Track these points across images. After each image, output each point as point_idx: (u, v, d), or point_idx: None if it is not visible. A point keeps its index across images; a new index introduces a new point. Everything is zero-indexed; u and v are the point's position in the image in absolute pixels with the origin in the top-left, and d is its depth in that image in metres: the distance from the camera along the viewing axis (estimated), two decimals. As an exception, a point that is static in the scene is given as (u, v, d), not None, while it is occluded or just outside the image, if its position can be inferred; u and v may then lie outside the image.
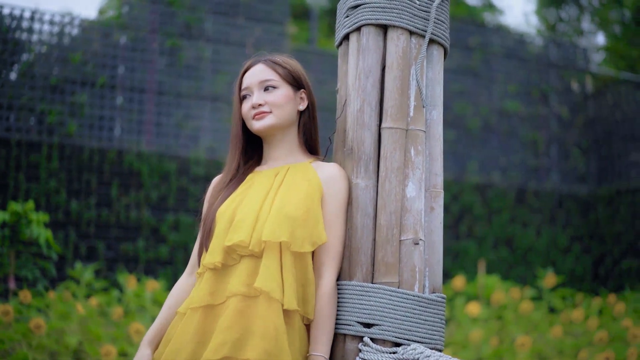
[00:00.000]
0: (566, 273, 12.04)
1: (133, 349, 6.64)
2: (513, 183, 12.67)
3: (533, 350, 7.85)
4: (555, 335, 8.41)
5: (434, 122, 2.88)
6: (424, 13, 2.88)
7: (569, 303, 10.54)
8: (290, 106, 2.94)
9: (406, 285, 2.74)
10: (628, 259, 12.19)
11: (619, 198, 12.58)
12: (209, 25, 11.06)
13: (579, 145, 13.38)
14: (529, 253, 12.32)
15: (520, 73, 13.18)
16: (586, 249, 12.83)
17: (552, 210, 12.82)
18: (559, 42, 14.46)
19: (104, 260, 9.58)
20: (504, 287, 10.13)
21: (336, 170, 2.86)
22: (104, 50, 10.39)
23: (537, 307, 9.79)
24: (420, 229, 2.77)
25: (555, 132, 13.28)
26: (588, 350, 7.94)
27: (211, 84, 10.92)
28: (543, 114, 13.22)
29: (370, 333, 2.69)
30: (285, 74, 2.94)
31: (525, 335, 7.98)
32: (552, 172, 13.19)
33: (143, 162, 10.05)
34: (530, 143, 13.03)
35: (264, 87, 2.93)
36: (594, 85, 13.89)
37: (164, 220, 10.01)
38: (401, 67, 2.83)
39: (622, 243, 12.36)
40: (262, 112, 2.90)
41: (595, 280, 12.59)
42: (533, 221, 12.58)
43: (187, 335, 2.72)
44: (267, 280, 2.65)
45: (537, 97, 13.20)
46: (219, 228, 2.81)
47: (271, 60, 2.97)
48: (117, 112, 10.34)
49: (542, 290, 10.44)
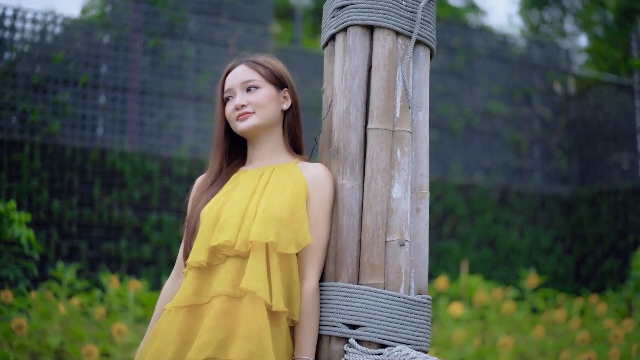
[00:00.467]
0: (548, 273, 12.09)
1: (115, 349, 6.62)
2: (496, 184, 12.71)
3: (515, 350, 7.87)
4: (538, 336, 8.43)
5: (420, 123, 2.88)
6: (411, 14, 2.87)
7: (551, 303, 10.58)
8: (274, 106, 2.93)
9: (392, 286, 2.73)
10: (610, 259, 12.24)
11: (601, 199, 12.63)
12: (192, 24, 11.03)
13: (561, 147, 13.44)
14: (512, 253, 12.36)
15: (503, 74, 13.23)
16: (568, 250, 12.88)
17: (534, 211, 12.86)
18: (541, 43, 14.50)
19: (86, 260, 9.53)
20: (486, 288, 10.16)
21: (322, 171, 2.86)
22: (87, 49, 10.34)
23: (519, 308, 9.82)
24: (406, 230, 2.76)
25: (537, 133, 13.33)
26: (570, 351, 7.97)
27: (194, 83, 10.89)
28: (526, 115, 13.26)
29: (355, 334, 2.69)
30: (267, 74, 2.94)
31: (508, 336, 8.00)
32: (534, 173, 13.24)
33: (126, 161, 10.01)
34: (513, 144, 13.08)
35: (246, 87, 2.92)
36: (577, 86, 13.95)
37: (146, 220, 9.98)
38: (387, 67, 2.82)
39: (604, 244, 12.42)
40: (246, 113, 2.90)
41: (577, 281, 12.65)
42: (516, 222, 12.62)
43: (171, 334, 2.71)
44: (254, 280, 2.64)
45: (520, 98, 13.24)
46: (203, 227, 2.79)
47: (253, 61, 2.97)
48: (99, 112, 10.30)
49: (525, 290, 10.47)
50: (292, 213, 2.74)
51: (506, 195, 12.74)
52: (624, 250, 12.05)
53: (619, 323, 9.04)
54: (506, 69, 13.27)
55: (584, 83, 13.99)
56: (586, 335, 8.33)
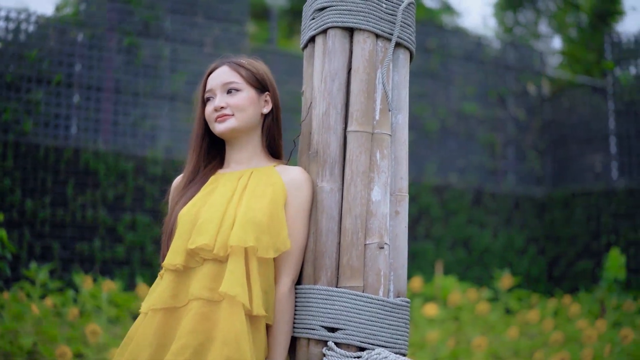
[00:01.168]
0: (522, 274, 12.15)
1: (89, 350, 6.58)
2: (470, 185, 12.75)
3: (489, 351, 7.90)
4: (511, 336, 8.48)
5: (399, 126, 2.87)
6: (391, 16, 2.87)
7: (524, 304, 10.63)
8: (253, 109, 2.91)
9: (371, 289, 2.73)
10: (582, 260, 12.33)
11: (574, 200, 12.72)
12: (167, 23, 10.98)
13: (535, 148, 13.51)
14: (486, 254, 12.41)
15: (478, 75, 13.28)
16: (541, 251, 12.96)
17: (508, 212, 12.93)
18: (516, 45, 14.57)
19: (59, 260, 9.46)
20: (460, 288, 10.19)
21: (300, 175, 2.84)
22: (61, 48, 10.25)
23: (493, 308, 9.86)
24: (385, 233, 2.76)
25: (512, 134, 13.40)
26: (543, 351, 8.02)
27: (169, 83, 10.84)
28: (500, 116, 13.32)
29: (334, 337, 2.68)
30: (249, 77, 2.92)
31: (482, 336, 8.02)
32: (508, 174, 13.31)
33: (99, 161, 9.94)
34: (488, 145, 13.13)
35: (227, 89, 2.90)
36: (551, 88, 14.04)
37: (120, 220, 9.92)
38: (367, 70, 2.82)
39: (577, 245, 12.50)
40: (224, 115, 2.88)
41: (550, 281, 12.72)
42: (490, 222, 12.67)
43: (148, 337, 2.69)
44: (233, 285, 2.62)
45: (495, 100, 13.30)
46: (180, 230, 2.77)
47: (236, 63, 2.95)
48: (73, 111, 10.22)
49: (499, 291, 10.52)
50: (271, 218, 2.73)
51: (480, 196, 12.79)
52: (597, 251, 12.14)
53: (592, 324, 9.11)
54: (481, 70, 13.32)
55: (558, 85, 14.09)
56: (559, 335, 8.39)
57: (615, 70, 12.79)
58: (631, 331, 8.06)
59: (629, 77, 12.60)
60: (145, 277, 9.56)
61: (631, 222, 11.85)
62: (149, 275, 9.67)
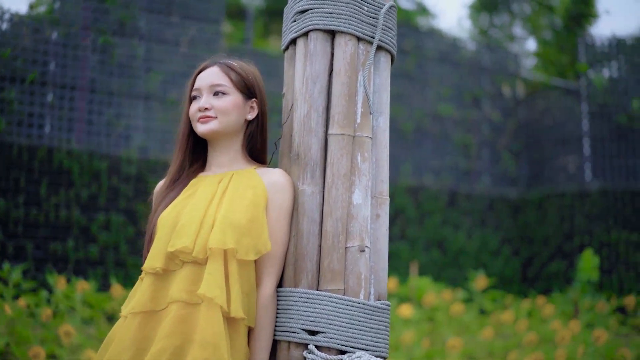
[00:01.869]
0: (496, 275, 12.20)
1: (62, 351, 6.54)
2: (445, 186, 12.79)
3: (464, 352, 7.93)
4: (486, 337, 8.51)
5: (380, 128, 2.87)
6: (372, 19, 2.87)
7: (499, 305, 10.68)
8: (237, 114, 2.90)
9: (352, 292, 2.73)
10: (556, 261, 12.41)
11: (548, 201, 12.79)
12: (142, 23, 10.91)
13: (509, 149, 13.58)
14: (460, 255, 12.45)
15: (454, 77, 13.32)
16: (515, 252, 13.03)
17: (482, 213, 12.98)
18: (491, 47, 14.64)
19: (32, 260, 9.39)
20: (435, 289, 10.22)
21: (281, 177, 2.84)
22: (35, 46, 10.17)
23: (468, 309, 9.89)
24: (366, 236, 2.76)
25: (486, 135, 13.45)
26: (517, 352, 8.06)
27: (144, 82, 10.78)
28: (475, 117, 13.38)
29: (315, 340, 2.68)
30: (238, 81, 2.91)
31: (456, 337, 8.05)
32: (483, 175, 13.36)
33: (73, 160, 9.87)
34: (463, 146, 13.18)
35: (213, 91, 2.89)
36: (525, 90, 14.12)
37: (94, 220, 9.86)
38: (349, 73, 2.81)
39: (550, 246, 12.58)
40: (208, 117, 2.87)
41: (524, 282, 12.79)
42: (464, 223, 12.72)
43: (126, 341, 2.68)
44: (212, 287, 2.61)
45: (470, 101, 13.35)
46: (161, 233, 2.76)
47: (227, 65, 2.93)
48: (47, 109, 10.13)
49: (473, 292, 10.56)
50: (251, 220, 2.72)
51: (455, 197, 12.83)
52: (570, 252, 12.22)
53: (566, 324, 9.17)
54: (456, 72, 13.36)
55: (533, 87, 14.17)
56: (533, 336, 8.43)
57: (588, 73, 12.89)
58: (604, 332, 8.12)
59: (603, 80, 12.70)
60: (119, 278, 9.51)
61: (604, 223, 11.94)
62: (122, 276, 9.62)
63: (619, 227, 11.80)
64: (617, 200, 11.97)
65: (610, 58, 12.82)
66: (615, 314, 10.23)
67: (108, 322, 8.03)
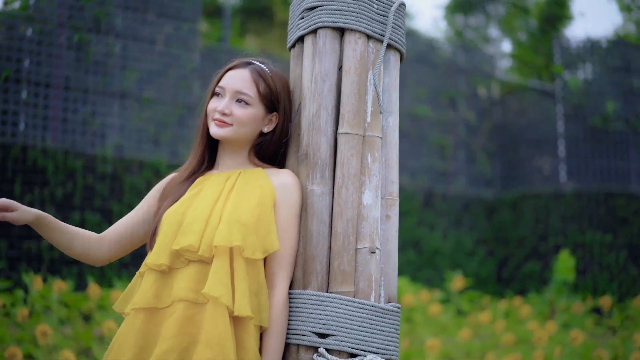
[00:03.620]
0: (471, 275, 12.24)
1: (39, 351, 6.48)
2: (421, 186, 12.81)
3: (442, 352, 7.94)
4: (463, 338, 8.53)
5: (389, 128, 2.84)
6: (382, 17, 2.83)
7: (476, 305, 10.71)
8: (254, 127, 2.84)
9: (362, 294, 2.68)
10: (530, 262, 12.47)
11: (523, 202, 12.86)
12: (118, 20, 10.81)
13: (485, 150, 13.63)
14: (436, 256, 12.47)
15: (430, 78, 13.35)
16: (490, 252, 13.07)
17: (458, 214, 13.01)
18: (467, 48, 14.69)
19: (6, 259, 9.26)
20: (412, 290, 10.23)
21: (289, 178, 2.79)
22: (9, 43, 10.04)
23: (445, 310, 9.91)
24: (376, 238, 2.72)
25: (462, 136, 13.49)
26: (495, 352, 8.09)
27: (120, 80, 10.68)
28: (451, 118, 13.41)
29: (325, 344, 2.63)
30: (264, 94, 2.82)
31: (434, 338, 8.07)
32: (458, 176, 13.40)
33: (48, 158, 9.76)
34: (438, 147, 13.21)
35: (237, 97, 2.81)
36: (501, 91, 14.19)
37: (69, 219, 9.74)
38: (359, 71, 2.77)
39: (525, 247, 12.64)
40: (224, 122, 2.80)
41: (499, 283, 12.84)
42: (440, 224, 12.75)
43: (130, 338, 2.65)
44: (217, 286, 2.57)
45: (446, 102, 13.39)
46: (166, 229, 2.72)
47: (258, 72, 2.83)
48: (21, 107, 10.01)
49: (450, 292, 10.58)
50: (258, 219, 2.67)
51: (431, 198, 12.85)
52: (545, 253, 12.29)
53: (542, 325, 9.22)
54: (432, 72, 13.39)
55: (508, 88, 14.24)
56: (511, 337, 8.48)
57: (564, 74, 12.98)
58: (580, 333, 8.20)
59: (578, 82, 12.79)
60: (95, 277, 9.42)
61: (579, 224, 12.02)
62: (98, 275, 9.53)
63: (594, 228, 11.89)
64: (592, 202, 12.05)
65: (585, 60, 12.91)
66: (590, 315, 10.30)
67: (84, 322, 7.96)
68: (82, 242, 2.88)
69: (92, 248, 2.89)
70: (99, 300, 8.24)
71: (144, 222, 2.94)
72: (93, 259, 2.92)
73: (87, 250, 2.89)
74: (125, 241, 2.95)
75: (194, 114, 11.10)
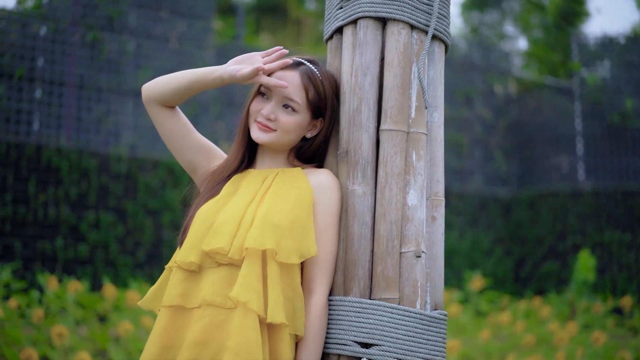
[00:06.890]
0: (488, 275, 12.12)
1: (55, 353, 6.43)
2: (437, 185, 12.69)
3: (462, 353, 7.85)
4: (483, 339, 8.44)
5: (435, 124, 2.69)
6: (426, 7, 2.67)
7: (495, 306, 10.60)
8: (297, 133, 2.70)
9: (407, 301, 2.53)
10: (548, 261, 12.34)
11: (540, 201, 12.72)
12: (132, 18, 10.77)
13: (501, 148, 13.51)
14: (453, 255, 12.35)
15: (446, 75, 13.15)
16: (508, 251, 12.95)
17: (474, 212, 12.89)
18: (482, 45, 14.59)
19: (20, 260, 9.20)
20: (430, 290, 10.12)
21: (329, 178, 2.65)
22: (23, 42, 10.00)
23: (464, 310, 9.81)
24: (422, 241, 2.57)
25: (478, 134, 13.37)
26: (515, 353, 8.00)
27: (133, 78, 10.63)
28: (467, 116, 13.30)
29: (369, 354, 2.48)
30: (313, 100, 2.67)
31: (454, 339, 7.98)
32: (475, 175, 13.28)
33: (62, 157, 9.70)
34: (455, 145, 13.09)
35: (284, 102, 2.66)
36: (517, 88, 14.06)
37: (83, 218, 9.68)
38: (402, 64, 2.62)
39: (543, 246, 12.51)
40: (267, 127, 2.67)
41: (517, 282, 12.72)
42: (456, 223, 12.62)
43: (154, 337, 2.55)
44: (245, 290, 2.44)
45: (462, 100, 13.27)
46: (198, 227, 2.59)
47: (309, 77, 2.67)
48: (35, 106, 9.98)
49: (469, 293, 10.47)
50: (293, 221, 2.54)
51: (447, 196, 12.69)
52: (563, 252, 12.16)
53: (563, 326, 9.11)
54: (448, 70, 13.24)
55: (524, 85, 14.11)
56: (531, 338, 8.38)
57: (581, 72, 12.85)
58: (602, 334, 8.10)
59: (596, 79, 12.66)
60: (110, 277, 9.35)
61: (597, 223, 11.88)
62: (112, 275, 9.47)
63: (612, 227, 11.74)
64: (610, 200, 11.91)
65: (603, 57, 12.79)
66: (611, 315, 10.17)
67: (100, 322, 7.90)
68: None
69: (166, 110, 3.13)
70: (115, 301, 8.18)
71: (198, 148, 2.88)
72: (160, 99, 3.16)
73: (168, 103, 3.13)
74: (180, 135, 2.99)
75: (208, 112, 11.04)
